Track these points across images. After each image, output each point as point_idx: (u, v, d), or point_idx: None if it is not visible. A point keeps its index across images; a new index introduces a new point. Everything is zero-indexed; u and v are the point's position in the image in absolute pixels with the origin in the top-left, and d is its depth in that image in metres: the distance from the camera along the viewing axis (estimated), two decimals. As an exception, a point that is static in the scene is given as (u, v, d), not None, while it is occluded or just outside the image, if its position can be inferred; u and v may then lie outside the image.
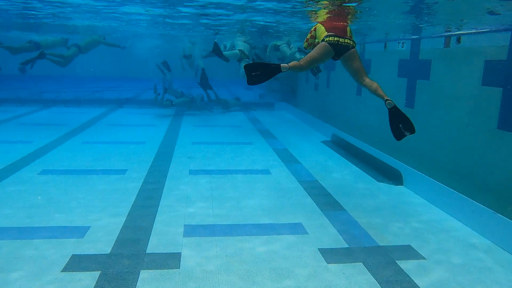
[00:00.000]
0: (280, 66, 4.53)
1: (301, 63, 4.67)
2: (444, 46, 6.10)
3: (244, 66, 4.59)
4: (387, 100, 4.54)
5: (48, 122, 11.36)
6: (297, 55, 10.70)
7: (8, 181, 6.00)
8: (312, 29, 5.30)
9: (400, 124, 4.57)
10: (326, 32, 4.84)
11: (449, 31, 5.95)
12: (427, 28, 6.18)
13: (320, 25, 5.08)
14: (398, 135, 4.65)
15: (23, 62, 10.38)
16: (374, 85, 4.72)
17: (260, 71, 4.53)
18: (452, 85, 5.86)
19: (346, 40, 4.72)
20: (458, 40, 5.80)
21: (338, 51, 4.73)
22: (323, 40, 4.78)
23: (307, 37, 5.41)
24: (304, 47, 5.62)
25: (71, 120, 11.60)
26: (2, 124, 10.81)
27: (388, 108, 4.56)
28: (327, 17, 5.65)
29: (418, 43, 6.79)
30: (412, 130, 4.55)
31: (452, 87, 5.86)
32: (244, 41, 11.55)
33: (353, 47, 4.78)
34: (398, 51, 7.45)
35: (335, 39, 4.69)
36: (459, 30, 5.80)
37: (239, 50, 11.17)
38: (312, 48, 5.15)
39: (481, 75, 5.27)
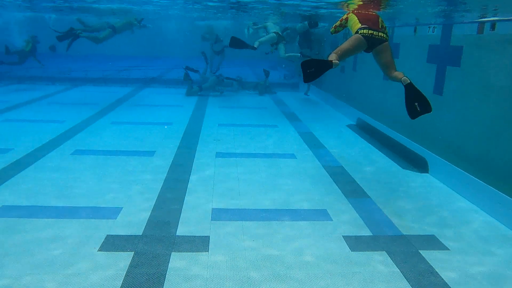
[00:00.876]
0: (332, 62, 4.53)
1: (337, 54, 4.67)
2: (477, 32, 5.95)
3: (301, 64, 4.61)
4: (402, 77, 4.61)
5: (77, 101, 11.67)
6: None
7: (43, 161, 6.27)
8: (344, 17, 5.28)
9: (416, 102, 4.60)
10: (359, 24, 4.83)
11: (485, 16, 5.79)
12: (460, 14, 6.02)
13: (353, 15, 5.05)
14: (413, 114, 4.70)
15: (59, 36, 10.71)
16: (400, 75, 4.75)
17: (314, 68, 4.56)
18: (484, 73, 5.73)
19: (380, 34, 4.72)
20: (493, 27, 5.64)
21: (371, 43, 4.74)
22: (356, 32, 4.77)
23: (336, 23, 5.41)
24: (331, 32, 5.64)
25: (100, 99, 11.88)
26: (34, 103, 11.18)
27: (404, 85, 4.62)
28: (359, 5, 5.57)
29: (450, 29, 6.62)
30: (428, 109, 4.58)
31: (484, 75, 5.73)
32: (274, 23, 11.41)
33: (386, 40, 4.77)
34: (429, 36, 7.28)
35: (369, 32, 4.69)
36: (494, 16, 5.63)
37: (274, 32, 11.03)
38: (337, 33, 5.33)
39: (515, 64, 5.13)
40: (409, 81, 4.58)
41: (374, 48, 4.79)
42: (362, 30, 4.73)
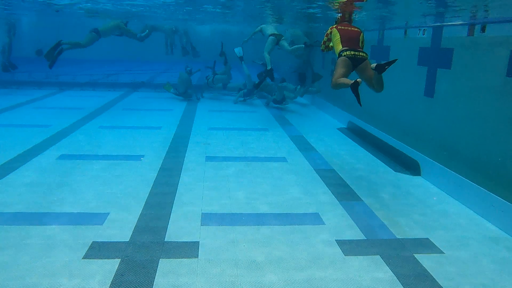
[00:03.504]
0: (357, 81, 4.72)
1: (337, 78, 5.08)
2: (467, 34, 5.94)
3: (352, 90, 4.75)
4: (372, 68, 4.77)
5: (64, 105, 11.47)
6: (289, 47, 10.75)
7: (28, 166, 6.09)
8: (328, 31, 5.59)
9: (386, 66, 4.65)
10: (341, 45, 5.24)
11: (474, 17, 5.78)
12: (450, 14, 6.01)
13: (336, 31, 5.40)
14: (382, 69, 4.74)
15: (44, 56, 10.40)
16: (371, 72, 5.02)
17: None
18: (475, 75, 5.71)
19: (361, 53, 5.18)
20: (483, 29, 5.63)
21: (354, 62, 5.16)
22: (340, 54, 5.18)
23: (324, 39, 5.73)
24: (321, 50, 5.95)
25: (87, 103, 11.69)
26: (20, 108, 10.95)
27: (375, 70, 4.72)
28: (341, 22, 5.72)
29: (440, 31, 6.62)
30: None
31: (475, 77, 5.71)
32: (267, 23, 11.30)
33: (367, 58, 5.23)
34: (419, 38, 7.28)
35: (351, 53, 5.14)
36: (484, 18, 5.63)
37: (271, 35, 10.90)
38: (328, 51, 5.83)
39: (506, 65, 5.12)
40: (375, 64, 4.74)
41: (357, 66, 5.18)
42: (345, 52, 5.16)
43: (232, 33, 16.30)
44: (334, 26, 5.60)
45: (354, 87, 4.69)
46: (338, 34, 5.37)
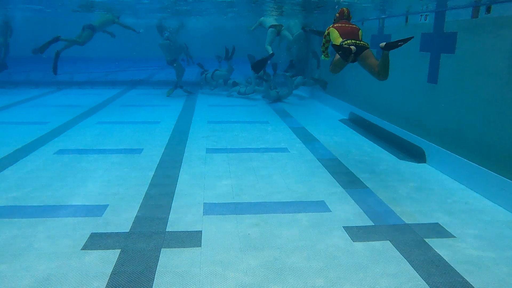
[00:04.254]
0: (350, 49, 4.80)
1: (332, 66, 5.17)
2: (472, 17, 5.80)
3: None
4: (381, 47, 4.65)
5: (62, 103, 11.33)
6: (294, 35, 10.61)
7: (25, 160, 5.96)
8: (326, 32, 5.46)
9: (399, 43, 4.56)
10: (341, 38, 5.10)
11: (479, 0, 5.64)
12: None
13: (334, 29, 5.28)
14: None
15: (38, 48, 10.25)
16: (375, 62, 5.00)
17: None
18: (480, 58, 5.58)
19: (362, 42, 5.05)
20: (488, 10, 5.49)
21: (356, 51, 4.97)
22: (341, 44, 4.97)
23: (323, 41, 5.61)
24: (324, 56, 5.94)
25: (85, 101, 11.55)
26: (17, 106, 10.81)
27: (383, 49, 4.63)
28: (339, 21, 5.61)
29: (443, 15, 6.48)
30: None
31: (480, 60, 5.58)
32: (266, 16, 11.22)
33: (368, 47, 5.06)
34: (421, 24, 7.14)
35: (352, 42, 4.98)
36: (488, -1, 5.49)
37: (270, 26, 10.82)
38: (327, 53, 5.81)
39: (513, 46, 4.99)
40: (384, 43, 4.60)
41: (359, 56, 5.04)
42: (345, 41, 5.01)
43: (228, 30, 16.07)
44: (331, 26, 5.48)
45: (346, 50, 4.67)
46: (336, 31, 5.27)
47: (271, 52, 10.20)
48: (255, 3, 9.21)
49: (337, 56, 5.10)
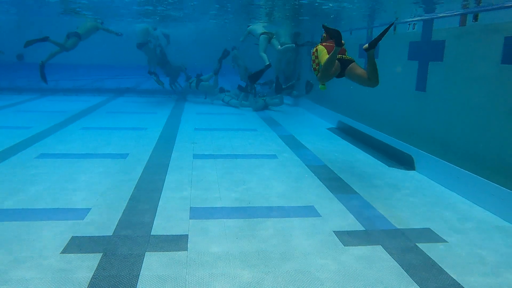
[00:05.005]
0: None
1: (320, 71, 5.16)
2: (459, 25, 5.84)
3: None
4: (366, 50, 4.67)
5: (46, 109, 11.09)
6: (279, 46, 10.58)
7: (5, 164, 5.76)
8: (313, 50, 5.48)
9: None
10: (327, 54, 5.10)
11: (467, 7, 5.69)
12: (441, 4, 5.92)
13: (322, 47, 5.32)
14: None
15: (25, 42, 10.07)
16: (364, 72, 5.01)
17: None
18: (468, 65, 5.60)
19: (347, 57, 5.23)
20: (475, 18, 5.54)
21: (342, 64, 5.15)
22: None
23: (312, 58, 5.56)
24: (316, 75, 5.79)
25: (70, 107, 11.34)
26: (-1, 111, 10.56)
27: (367, 52, 4.67)
28: (327, 40, 5.59)
29: (431, 24, 6.52)
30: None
31: (468, 67, 5.60)
32: (254, 24, 11.17)
33: (354, 61, 5.23)
34: (409, 33, 7.18)
35: (338, 56, 5.06)
36: (476, 6, 5.54)
37: (261, 34, 10.78)
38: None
39: (501, 52, 5.02)
40: (367, 45, 4.63)
41: (345, 69, 5.15)
42: None
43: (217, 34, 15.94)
44: (319, 44, 5.49)
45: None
46: (325, 48, 5.31)
47: (268, 62, 10.10)
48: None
49: (325, 59, 5.08)
